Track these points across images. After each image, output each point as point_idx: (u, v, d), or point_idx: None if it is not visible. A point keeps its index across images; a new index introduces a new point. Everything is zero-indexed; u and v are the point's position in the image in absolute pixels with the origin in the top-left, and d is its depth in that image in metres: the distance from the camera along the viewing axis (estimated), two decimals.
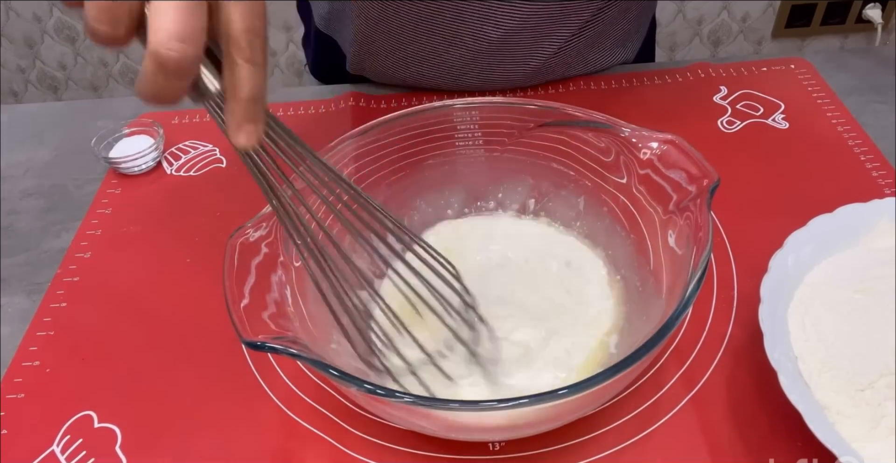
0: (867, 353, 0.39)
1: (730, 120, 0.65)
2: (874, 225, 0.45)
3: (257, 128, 0.33)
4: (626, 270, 0.47)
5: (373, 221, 0.39)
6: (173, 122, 0.70)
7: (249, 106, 0.32)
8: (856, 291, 0.42)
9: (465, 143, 0.50)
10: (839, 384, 0.38)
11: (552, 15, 0.63)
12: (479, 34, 0.63)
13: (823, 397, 0.38)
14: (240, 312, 0.35)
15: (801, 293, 0.43)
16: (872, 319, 0.40)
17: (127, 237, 0.58)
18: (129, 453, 0.43)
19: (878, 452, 0.36)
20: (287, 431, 0.43)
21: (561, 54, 0.67)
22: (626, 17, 0.68)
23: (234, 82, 0.32)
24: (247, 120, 0.33)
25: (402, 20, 0.64)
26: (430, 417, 0.36)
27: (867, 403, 0.37)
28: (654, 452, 0.41)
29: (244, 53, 0.31)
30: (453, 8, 0.61)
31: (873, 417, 0.37)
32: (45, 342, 0.50)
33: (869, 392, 0.37)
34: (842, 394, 0.38)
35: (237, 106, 0.32)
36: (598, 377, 0.32)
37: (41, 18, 1.74)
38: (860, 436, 0.36)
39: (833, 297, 0.42)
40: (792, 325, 0.41)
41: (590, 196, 0.49)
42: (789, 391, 0.36)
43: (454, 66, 0.67)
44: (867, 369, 0.38)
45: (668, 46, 1.75)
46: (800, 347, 0.40)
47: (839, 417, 0.37)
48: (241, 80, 0.32)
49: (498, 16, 0.62)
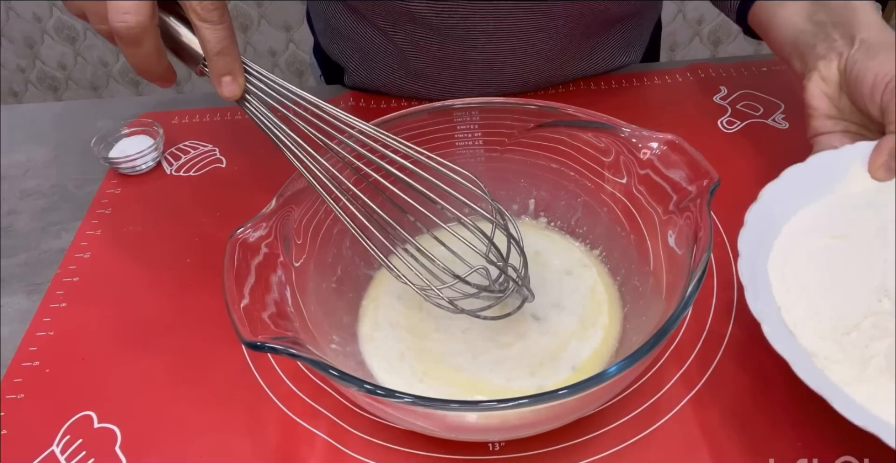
0: (849, 296, 0.39)
1: (730, 120, 0.65)
2: (847, 170, 0.45)
3: (235, 79, 0.39)
4: (625, 270, 0.47)
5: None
6: (173, 122, 0.70)
7: (219, 60, 0.38)
8: (833, 237, 0.42)
9: (465, 143, 0.50)
10: (825, 330, 0.38)
11: (538, 45, 0.64)
12: (466, 58, 0.65)
13: (810, 345, 0.38)
14: (240, 312, 0.35)
15: (780, 244, 0.42)
16: (851, 263, 0.40)
17: (127, 237, 0.58)
18: (129, 453, 0.43)
19: (871, 392, 0.35)
20: (287, 431, 0.43)
21: (553, 70, 0.67)
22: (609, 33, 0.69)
23: (201, 42, 0.38)
24: (220, 73, 0.38)
25: (394, 44, 0.66)
26: (429, 417, 0.35)
27: (854, 346, 0.37)
28: (654, 452, 0.41)
29: (198, 15, 0.37)
30: (438, 40, 0.64)
31: (862, 358, 0.37)
32: (45, 342, 0.50)
33: (855, 334, 0.37)
34: (828, 340, 0.38)
35: (210, 62, 0.38)
36: (598, 377, 0.32)
37: (41, 18, 1.74)
38: (850, 379, 0.36)
39: (811, 245, 0.42)
40: (773, 276, 0.41)
41: (590, 196, 0.49)
42: (774, 340, 0.36)
43: (448, 83, 0.68)
44: (850, 313, 0.38)
45: (668, 46, 1.75)
46: (782, 297, 0.40)
47: (827, 362, 0.37)
48: (203, 39, 0.37)
49: (480, 45, 0.64)
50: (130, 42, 0.36)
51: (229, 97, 0.39)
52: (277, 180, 0.43)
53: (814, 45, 0.50)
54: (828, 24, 0.50)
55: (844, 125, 0.49)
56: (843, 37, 0.49)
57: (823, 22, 0.50)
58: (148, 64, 0.38)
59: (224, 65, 0.38)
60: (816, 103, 0.50)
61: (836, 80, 0.49)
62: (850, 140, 0.48)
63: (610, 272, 0.48)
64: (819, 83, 0.49)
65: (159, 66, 0.39)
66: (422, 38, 0.64)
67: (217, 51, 0.38)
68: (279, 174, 0.44)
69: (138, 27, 0.35)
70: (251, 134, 0.68)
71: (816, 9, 0.51)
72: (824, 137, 0.49)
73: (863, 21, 0.48)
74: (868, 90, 0.46)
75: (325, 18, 0.73)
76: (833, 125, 0.49)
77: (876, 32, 0.48)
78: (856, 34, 0.48)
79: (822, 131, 0.49)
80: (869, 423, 0.33)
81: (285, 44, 1.76)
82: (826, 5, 0.51)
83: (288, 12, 1.70)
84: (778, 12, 0.54)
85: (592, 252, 0.50)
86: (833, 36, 0.49)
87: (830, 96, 0.49)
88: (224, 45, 0.38)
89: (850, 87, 0.48)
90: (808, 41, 0.51)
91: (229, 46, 0.38)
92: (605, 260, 0.49)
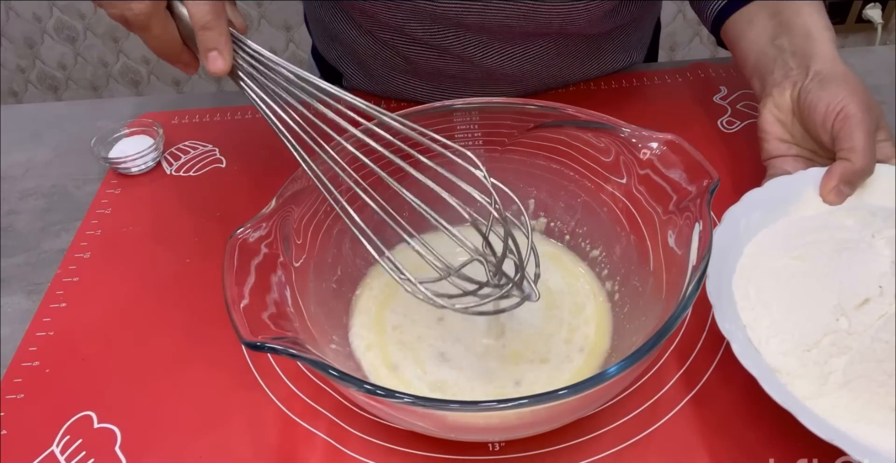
0: (808, 315, 0.40)
1: (730, 120, 0.65)
2: (801, 194, 0.48)
3: (222, 54, 0.39)
4: (625, 270, 0.47)
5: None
6: (173, 122, 0.70)
7: (204, 34, 0.39)
8: (791, 257, 0.44)
9: (465, 143, 0.50)
10: (787, 347, 0.40)
11: (532, 55, 0.65)
12: (464, 69, 0.66)
13: (773, 361, 0.40)
14: (240, 312, 0.35)
15: (742, 264, 0.44)
16: (809, 283, 0.42)
17: (127, 237, 0.58)
18: (129, 453, 0.43)
19: (830, 406, 0.38)
20: (287, 431, 0.43)
21: (553, 74, 0.68)
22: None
23: (189, 17, 0.39)
24: (206, 48, 0.39)
25: (392, 54, 0.66)
26: (429, 417, 0.35)
27: (814, 362, 0.39)
28: (654, 452, 0.41)
29: None
30: (436, 54, 0.64)
31: (821, 374, 0.39)
32: (45, 342, 0.50)
33: (815, 351, 0.39)
34: (790, 356, 0.40)
35: (196, 36, 0.39)
36: (598, 378, 0.32)
37: (41, 18, 1.74)
38: (811, 393, 0.39)
39: (771, 265, 0.44)
40: (737, 295, 0.43)
41: (589, 196, 0.49)
42: (742, 358, 0.38)
43: (448, 89, 0.68)
44: (811, 330, 0.40)
45: (668, 46, 1.75)
46: (746, 315, 0.42)
47: (790, 377, 0.39)
48: (190, 13, 0.39)
49: (476, 60, 0.64)
50: (139, 27, 0.39)
51: (216, 72, 0.40)
52: (277, 180, 0.43)
53: (772, 71, 0.53)
54: (787, 52, 0.53)
55: (797, 150, 0.52)
56: (799, 66, 0.51)
57: (784, 48, 0.53)
58: (162, 47, 0.41)
59: (209, 39, 0.39)
60: (769, 128, 0.52)
61: (788, 108, 0.51)
62: (802, 164, 0.51)
63: (609, 273, 0.48)
64: (773, 109, 0.52)
65: (173, 48, 0.41)
66: (419, 51, 0.65)
67: (202, 24, 0.39)
68: (279, 174, 0.44)
69: (143, 14, 0.38)
70: (251, 134, 0.68)
71: (780, 32, 0.54)
72: (777, 160, 0.52)
73: (819, 52, 0.51)
74: (820, 119, 0.48)
75: (322, 24, 0.73)
76: (786, 149, 0.52)
77: (829, 65, 0.50)
78: (811, 65, 0.51)
79: (776, 154, 0.52)
80: (832, 436, 0.35)
81: (285, 44, 1.76)
82: (789, 30, 0.53)
83: (288, 12, 1.70)
84: (746, 33, 0.57)
85: (592, 253, 0.50)
86: (790, 64, 0.52)
87: (783, 122, 0.52)
88: (208, 20, 0.39)
89: (802, 115, 0.50)
90: (768, 66, 0.53)
91: (214, 20, 0.39)
92: (605, 260, 0.49)
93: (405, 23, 0.61)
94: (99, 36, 1.78)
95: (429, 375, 0.43)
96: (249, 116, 0.70)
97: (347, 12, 0.66)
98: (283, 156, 0.40)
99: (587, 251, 0.50)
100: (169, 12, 0.40)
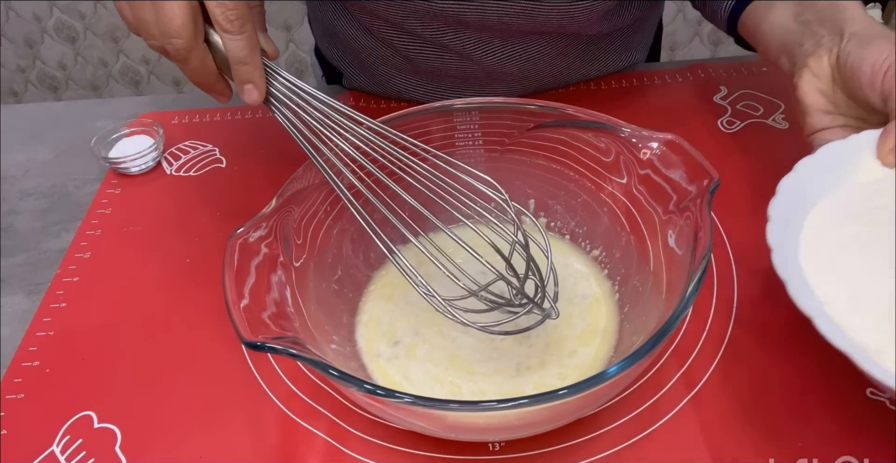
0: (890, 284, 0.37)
1: (730, 120, 0.65)
2: (858, 159, 0.45)
3: (257, 86, 0.41)
4: (625, 270, 0.47)
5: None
6: (173, 122, 0.70)
7: (240, 68, 0.41)
8: (863, 224, 0.41)
9: (465, 143, 0.50)
10: (873, 321, 0.37)
11: (533, 54, 0.65)
12: (463, 66, 0.66)
13: (860, 337, 0.36)
14: (240, 312, 0.35)
15: (806, 238, 0.41)
16: (886, 251, 0.39)
17: (127, 237, 0.58)
18: (129, 453, 0.43)
19: None
20: (287, 431, 0.43)
21: (555, 74, 0.68)
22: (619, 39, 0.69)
23: (226, 52, 0.41)
24: (242, 81, 0.41)
25: (392, 53, 0.66)
26: (429, 417, 0.35)
27: None
28: (654, 452, 0.41)
29: (220, 26, 0.40)
30: (436, 52, 0.64)
31: None
32: (45, 342, 0.50)
33: None
34: (877, 331, 0.36)
35: (233, 70, 0.41)
36: (598, 378, 0.32)
37: (41, 18, 1.74)
38: None
39: (840, 236, 0.41)
40: (807, 270, 0.39)
41: (590, 196, 0.49)
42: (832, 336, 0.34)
43: (448, 88, 0.68)
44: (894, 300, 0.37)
45: (668, 46, 1.75)
46: (822, 290, 0.38)
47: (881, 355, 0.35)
48: (227, 49, 0.40)
49: (476, 58, 0.64)
50: (179, 60, 0.41)
51: (251, 103, 0.42)
52: (277, 180, 0.43)
53: (801, 44, 0.50)
54: (814, 23, 0.50)
55: (842, 120, 0.49)
56: (831, 32, 0.48)
57: (810, 21, 0.50)
58: (199, 78, 0.42)
59: (245, 73, 0.41)
60: (811, 100, 0.49)
61: (828, 75, 0.48)
62: (850, 134, 0.47)
63: (609, 272, 0.48)
64: (811, 80, 0.49)
65: (209, 79, 0.43)
66: (419, 48, 0.65)
67: (238, 59, 0.40)
68: (279, 174, 0.44)
69: (183, 49, 0.40)
70: (251, 134, 0.68)
71: (803, 9, 0.52)
72: (824, 133, 0.49)
73: (849, 17, 0.48)
74: (867, 79, 0.45)
75: (324, 24, 0.73)
76: (831, 120, 0.49)
77: (864, 25, 0.47)
78: (844, 29, 0.48)
79: (820, 127, 0.49)
80: None
81: (285, 44, 1.76)
82: (812, 5, 0.51)
83: (288, 12, 1.70)
84: (766, 16, 0.54)
85: (592, 253, 0.50)
86: (820, 32, 0.49)
87: (824, 92, 0.49)
88: (244, 55, 0.40)
89: (845, 80, 0.47)
90: (796, 40, 0.51)
91: (249, 55, 0.41)
92: (605, 260, 0.49)
93: (405, 19, 0.61)
94: (99, 36, 1.78)
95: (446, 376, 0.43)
96: (249, 116, 0.70)
97: (348, 9, 0.66)
98: (283, 156, 0.40)
99: (587, 251, 0.50)
100: (206, 43, 0.41)
